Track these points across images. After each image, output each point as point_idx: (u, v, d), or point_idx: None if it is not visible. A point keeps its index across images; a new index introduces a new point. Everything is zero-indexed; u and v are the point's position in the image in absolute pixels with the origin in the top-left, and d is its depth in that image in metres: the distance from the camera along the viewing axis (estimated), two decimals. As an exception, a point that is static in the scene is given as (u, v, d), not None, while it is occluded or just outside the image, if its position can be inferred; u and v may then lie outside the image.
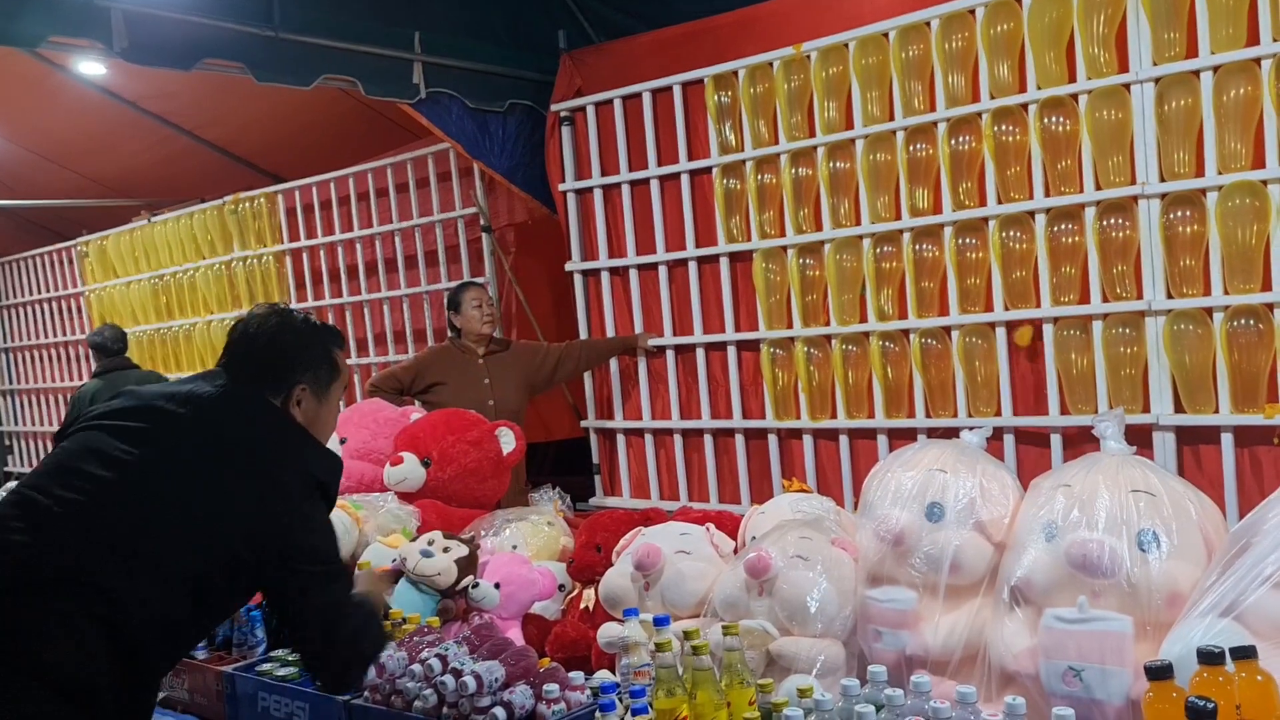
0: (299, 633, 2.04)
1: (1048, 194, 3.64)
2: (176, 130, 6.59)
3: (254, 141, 6.82)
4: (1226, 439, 3.37)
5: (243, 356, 2.17)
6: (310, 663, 2.10)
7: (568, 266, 5.05)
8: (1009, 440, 3.81)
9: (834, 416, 4.25)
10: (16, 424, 9.43)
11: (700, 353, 4.64)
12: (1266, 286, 3.26)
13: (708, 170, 4.52)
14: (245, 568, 1.98)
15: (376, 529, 3.25)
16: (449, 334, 4.81)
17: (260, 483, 2.00)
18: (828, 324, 4.22)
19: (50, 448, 2.18)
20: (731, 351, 4.54)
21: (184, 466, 1.99)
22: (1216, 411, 3.37)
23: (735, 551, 2.63)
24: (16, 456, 9.51)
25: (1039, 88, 3.62)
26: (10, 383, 9.38)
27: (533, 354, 4.80)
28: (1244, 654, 1.55)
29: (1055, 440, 3.72)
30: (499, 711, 2.10)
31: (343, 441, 3.80)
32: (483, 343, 4.69)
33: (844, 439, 4.25)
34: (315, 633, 1.99)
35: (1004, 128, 3.70)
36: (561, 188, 5.02)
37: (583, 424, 5.16)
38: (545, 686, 2.16)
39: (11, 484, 4.26)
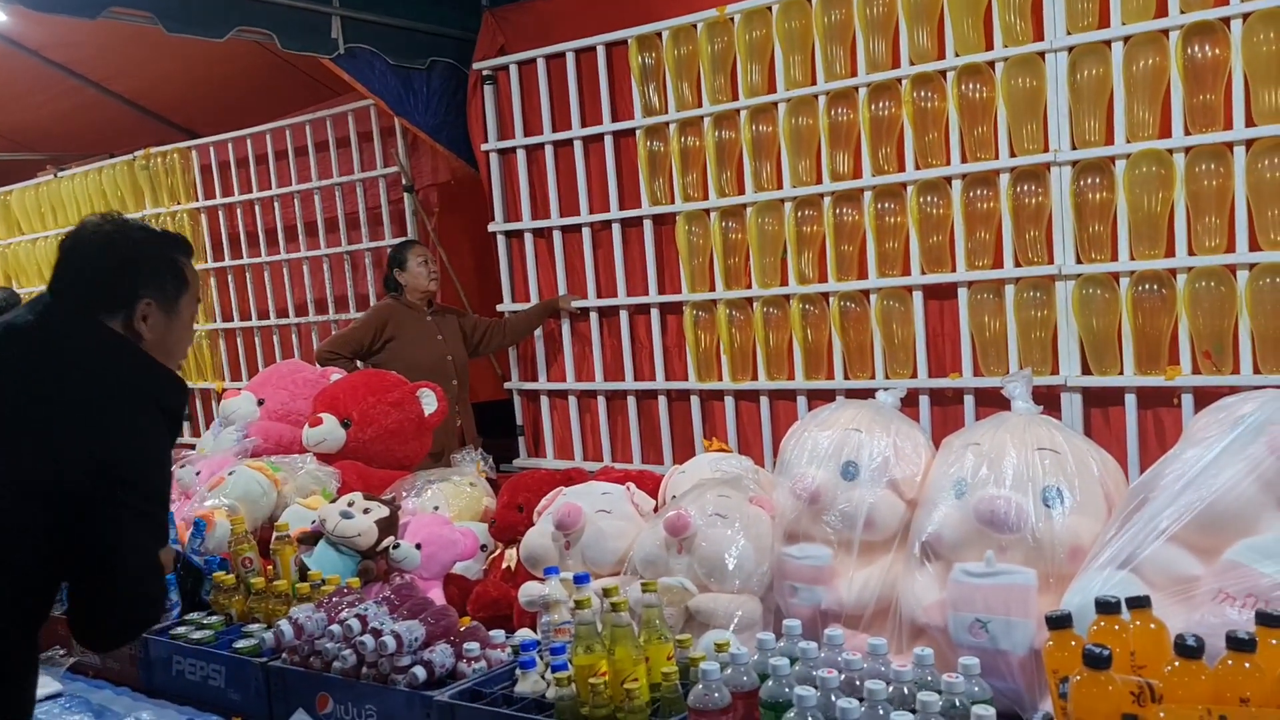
0: (98, 574, 1.76)
1: (964, 160, 3.71)
2: (83, 82, 6.34)
3: (166, 95, 6.59)
4: (1130, 400, 3.50)
5: (74, 274, 1.91)
6: (94, 611, 1.80)
7: (491, 227, 5.01)
8: (924, 401, 3.90)
9: (755, 378, 4.30)
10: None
11: (624, 315, 4.65)
12: (1170, 252, 3.37)
13: (631, 132, 4.50)
14: (66, 503, 1.76)
15: (295, 490, 3.21)
16: (389, 292, 4.76)
17: (91, 416, 1.79)
18: (749, 287, 4.26)
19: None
20: (655, 314, 4.55)
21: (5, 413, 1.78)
22: (1121, 373, 3.49)
23: (655, 510, 2.66)
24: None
25: (957, 54, 3.67)
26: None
27: (464, 319, 4.87)
28: (1139, 604, 1.61)
29: (968, 400, 3.81)
30: (419, 671, 2.10)
31: (260, 403, 3.74)
32: (426, 300, 4.71)
33: (764, 400, 4.30)
34: (115, 578, 1.76)
35: (923, 94, 3.75)
36: (484, 147, 4.96)
37: (506, 386, 5.15)
38: (465, 645, 2.17)
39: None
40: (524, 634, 2.31)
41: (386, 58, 4.87)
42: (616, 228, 4.60)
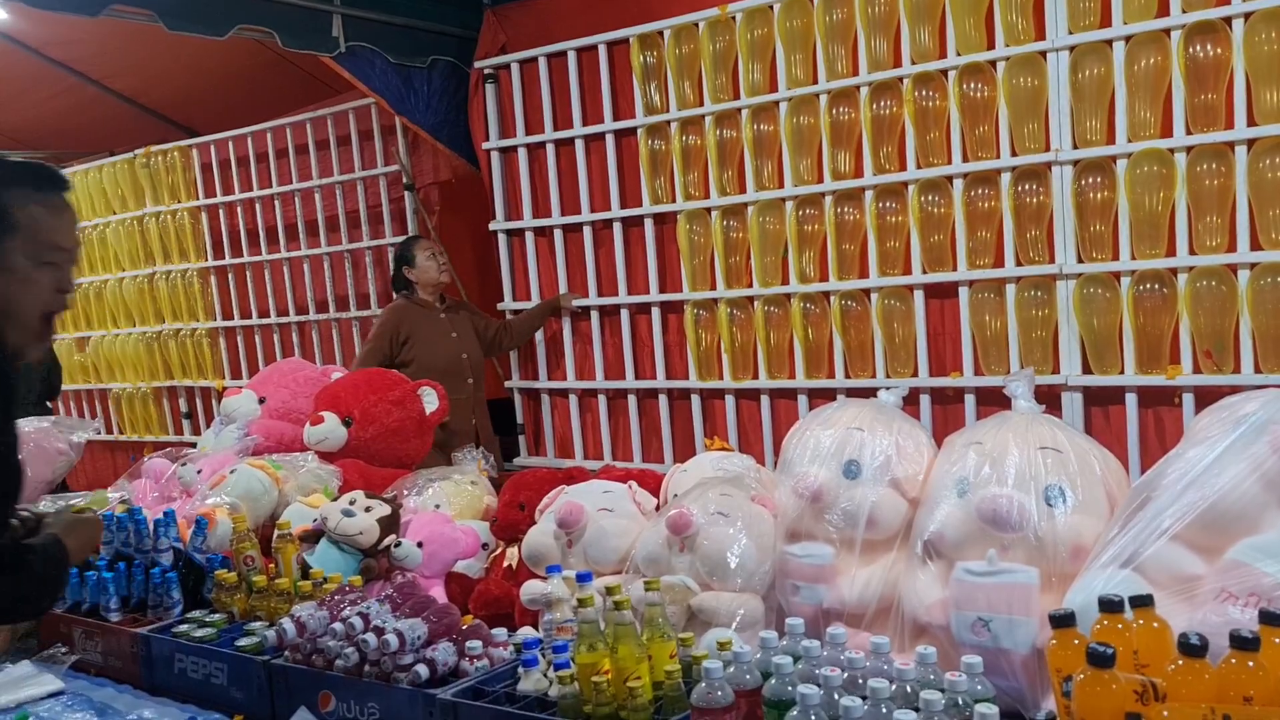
0: None
1: (965, 159, 3.71)
2: (84, 80, 6.34)
3: (167, 93, 6.60)
4: (1131, 399, 3.50)
5: None
6: None
7: (491, 226, 5.01)
8: (925, 400, 3.90)
9: (755, 377, 4.30)
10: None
11: (624, 314, 4.65)
12: (1171, 252, 3.37)
13: (632, 131, 4.51)
14: None
15: (297, 489, 3.21)
16: (398, 292, 4.71)
17: None
18: (750, 286, 4.26)
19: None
20: (655, 312, 4.56)
21: None
22: (1122, 373, 3.49)
23: (657, 509, 2.65)
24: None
25: (959, 54, 3.67)
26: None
27: (478, 316, 4.83)
28: (1142, 603, 1.61)
29: (969, 400, 3.81)
30: (421, 669, 2.10)
31: (262, 401, 3.74)
32: (438, 295, 4.67)
33: (765, 399, 4.30)
34: None
35: (924, 93, 3.76)
36: (485, 146, 4.97)
37: (507, 384, 5.15)
38: (468, 643, 2.16)
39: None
40: (526, 632, 2.31)
41: (387, 56, 4.88)
42: (618, 226, 4.60)
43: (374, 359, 4.47)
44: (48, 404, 6.25)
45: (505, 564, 2.84)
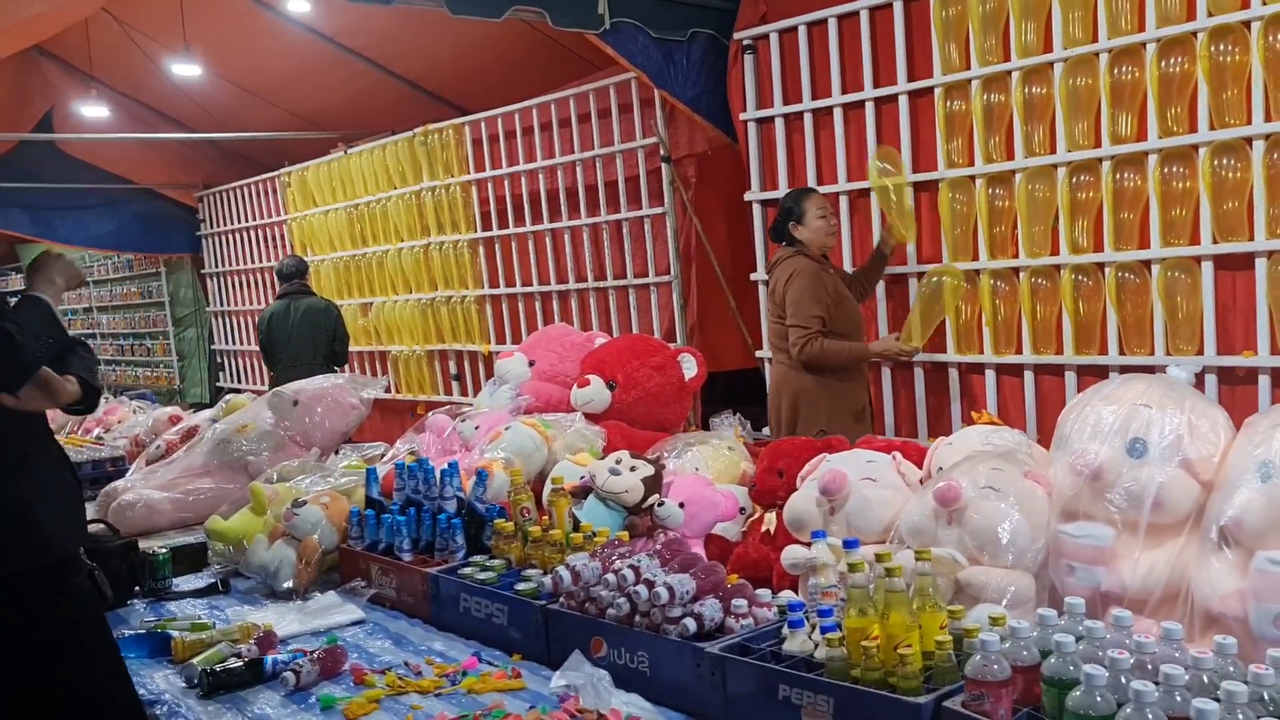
0: None
1: (1268, 119, 3.41)
2: (370, 65, 6.86)
3: (442, 75, 7.03)
4: None
5: None
6: None
7: (747, 196, 5.05)
8: (1210, 380, 3.63)
9: (1019, 351, 4.14)
10: (227, 343, 10.13)
11: (880, 285, 4.58)
12: None
13: (893, 99, 4.41)
14: None
15: (565, 447, 3.37)
16: (784, 245, 4.28)
17: None
18: (1016, 256, 4.10)
19: (255, 366, 2.17)
20: (912, 284, 4.46)
21: None
22: None
23: (921, 481, 2.62)
24: (227, 373, 10.23)
25: (1264, 3, 3.37)
26: (222, 304, 10.07)
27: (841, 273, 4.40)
28: None
29: (1263, 381, 3.53)
30: (690, 622, 2.18)
31: (531, 364, 3.95)
32: (821, 255, 4.23)
33: (1029, 374, 4.14)
34: None
35: (1221, 47, 3.47)
36: (743, 117, 5.00)
37: (758, 354, 5.18)
38: (734, 601, 2.22)
39: (232, 398, 4.61)
40: (787, 595, 2.34)
41: (649, 31, 4.98)
42: (874, 196, 4.52)
43: (818, 320, 4.07)
44: (334, 368, 6.85)
45: (763, 529, 2.88)
